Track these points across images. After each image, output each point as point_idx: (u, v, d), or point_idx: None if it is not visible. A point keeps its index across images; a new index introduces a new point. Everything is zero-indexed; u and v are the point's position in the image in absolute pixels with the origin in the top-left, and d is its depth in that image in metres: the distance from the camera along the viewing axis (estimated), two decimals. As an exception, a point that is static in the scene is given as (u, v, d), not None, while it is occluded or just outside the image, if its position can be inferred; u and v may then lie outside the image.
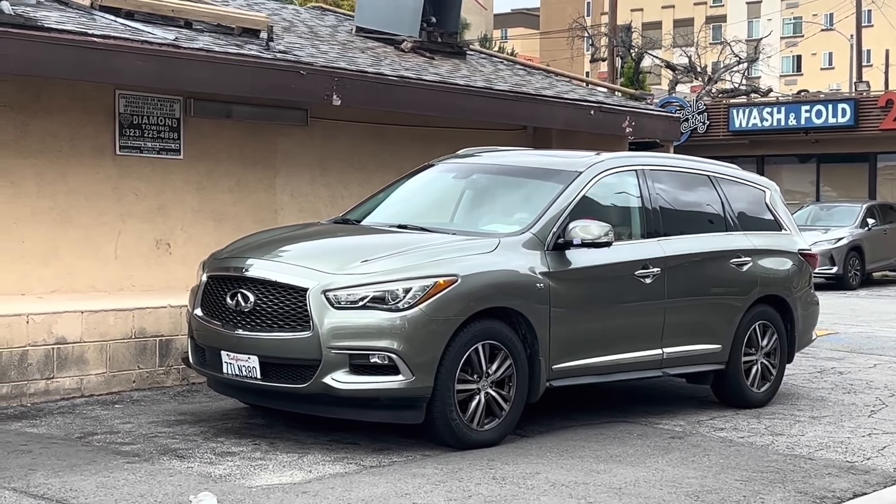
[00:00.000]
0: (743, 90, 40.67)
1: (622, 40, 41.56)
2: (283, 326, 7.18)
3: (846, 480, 6.82)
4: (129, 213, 10.44)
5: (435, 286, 7.11)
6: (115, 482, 6.25)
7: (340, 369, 7.01)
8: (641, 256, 8.41)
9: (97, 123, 10.24)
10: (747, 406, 9.13)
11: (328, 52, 12.01)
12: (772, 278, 9.45)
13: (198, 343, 7.79)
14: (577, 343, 7.90)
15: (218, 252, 8.14)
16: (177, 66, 9.82)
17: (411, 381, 7.01)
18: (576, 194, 8.13)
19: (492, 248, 7.59)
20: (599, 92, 16.09)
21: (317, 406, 7.25)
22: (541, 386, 7.68)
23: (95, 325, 8.94)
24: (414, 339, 7.01)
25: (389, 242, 7.80)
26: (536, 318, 7.57)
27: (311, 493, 6.14)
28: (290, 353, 7.14)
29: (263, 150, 11.55)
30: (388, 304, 7.04)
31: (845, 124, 30.70)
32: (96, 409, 8.42)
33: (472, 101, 12.30)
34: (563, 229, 7.83)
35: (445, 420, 7.19)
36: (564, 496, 6.23)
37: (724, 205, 9.41)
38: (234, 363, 7.37)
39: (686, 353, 8.73)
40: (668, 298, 8.52)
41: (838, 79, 72.07)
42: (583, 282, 7.97)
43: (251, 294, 7.30)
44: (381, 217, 8.64)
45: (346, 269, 7.22)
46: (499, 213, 8.39)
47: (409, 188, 9.12)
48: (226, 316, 7.47)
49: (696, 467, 7.02)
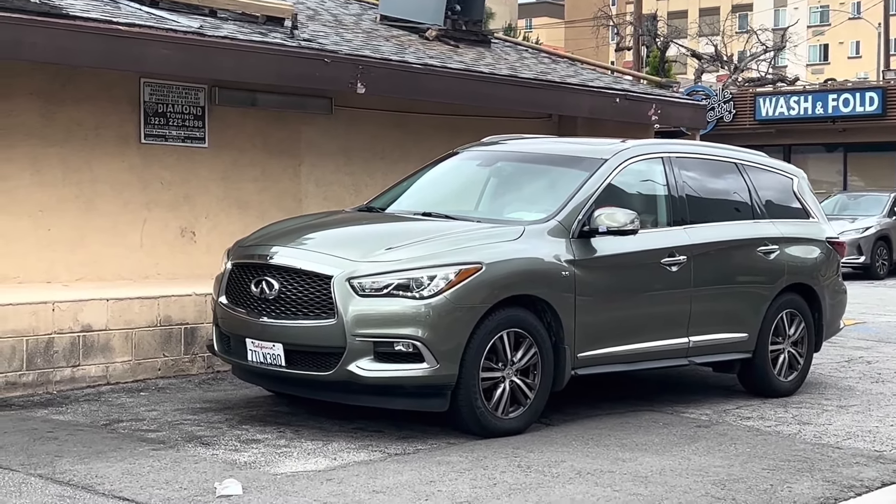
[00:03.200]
0: (769, 79, 40.44)
1: (647, 29, 41.38)
2: (307, 314, 7.17)
3: (874, 469, 6.76)
4: (154, 202, 10.46)
5: (459, 274, 7.09)
6: (141, 469, 6.27)
7: (365, 357, 7.00)
8: (667, 244, 8.35)
9: (122, 112, 10.26)
10: (774, 395, 9.07)
11: (352, 40, 11.99)
12: (799, 266, 9.38)
13: (223, 331, 7.80)
14: (602, 331, 7.85)
15: (242, 240, 8.15)
16: (201, 54, 9.82)
17: (436, 368, 7.00)
18: (601, 182, 8.09)
19: (517, 235, 7.57)
20: (625, 80, 16.00)
21: (341, 394, 7.26)
22: (566, 374, 7.65)
23: (121, 313, 8.96)
24: (438, 327, 6.99)
25: (414, 230, 7.79)
26: (561, 306, 7.53)
27: (335, 480, 6.14)
28: (315, 341, 7.13)
29: (288, 138, 11.54)
30: (412, 291, 7.02)
31: (873, 113, 30.46)
32: (122, 396, 8.45)
33: (496, 90, 12.25)
34: (589, 217, 7.79)
35: (470, 408, 7.17)
36: (590, 484, 6.20)
37: (751, 192, 9.35)
38: (258, 351, 7.37)
39: (712, 341, 8.67)
40: (694, 287, 8.46)
41: (866, 67, 71.50)
42: (608, 270, 7.92)
43: (276, 282, 7.30)
44: (405, 205, 8.62)
45: (371, 257, 7.21)
46: (524, 200, 8.35)
47: (433, 176, 9.11)
48: (250, 303, 7.47)
49: (722, 456, 6.97)
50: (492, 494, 5.94)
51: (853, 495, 6.19)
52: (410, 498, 5.83)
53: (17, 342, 8.35)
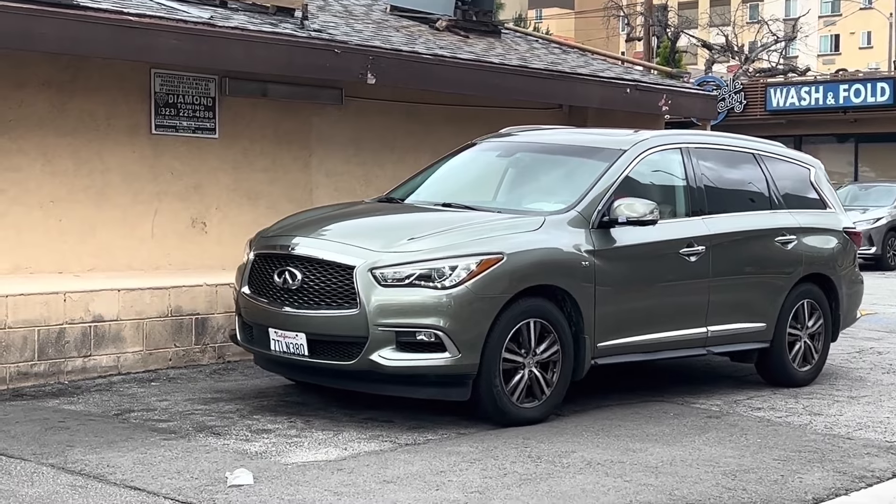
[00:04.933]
0: (780, 69, 40.33)
1: (658, 20, 41.28)
2: (330, 304, 7.23)
3: (885, 460, 6.75)
4: (164, 192, 10.48)
5: (481, 264, 7.13)
6: (152, 459, 6.29)
7: (387, 346, 7.06)
8: (686, 234, 8.38)
9: (133, 102, 10.27)
10: (791, 385, 9.09)
11: (363, 30, 11.98)
12: (816, 256, 9.40)
13: (245, 320, 7.85)
14: (621, 321, 7.88)
15: (264, 230, 8.18)
16: (212, 44, 9.82)
17: (457, 358, 7.04)
18: (620, 172, 8.12)
19: (537, 226, 7.60)
20: (635, 71, 15.96)
21: (363, 383, 7.31)
22: (586, 364, 7.68)
23: (132, 304, 8.98)
24: (460, 317, 7.04)
25: (435, 220, 7.83)
26: (582, 295, 7.56)
27: (346, 470, 6.15)
28: (338, 331, 7.19)
29: (298, 129, 11.55)
30: (434, 281, 7.08)
31: (884, 103, 30.36)
32: (133, 386, 8.47)
33: (507, 80, 12.23)
34: (608, 207, 7.82)
35: (491, 397, 7.21)
36: (600, 474, 6.20)
37: (769, 183, 9.36)
38: (281, 340, 7.42)
39: (730, 331, 8.69)
40: (712, 277, 8.49)
41: (877, 58, 71.23)
42: (627, 260, 7.95)
43: (298, 272, 7.35)
44: (424, 195, 8.65)
45: (393, 248, 7.26)
46: (543, 191, 8.38)
47: (452, 167, 9.13)
48: (273, 294, 7.53)
49: (733, 447, 6.97)
50: (502, 484, 5.95)
51: (864, 486, 6.18)
52: (421, 488, 5.84)
53: (28, 332, 8.37)
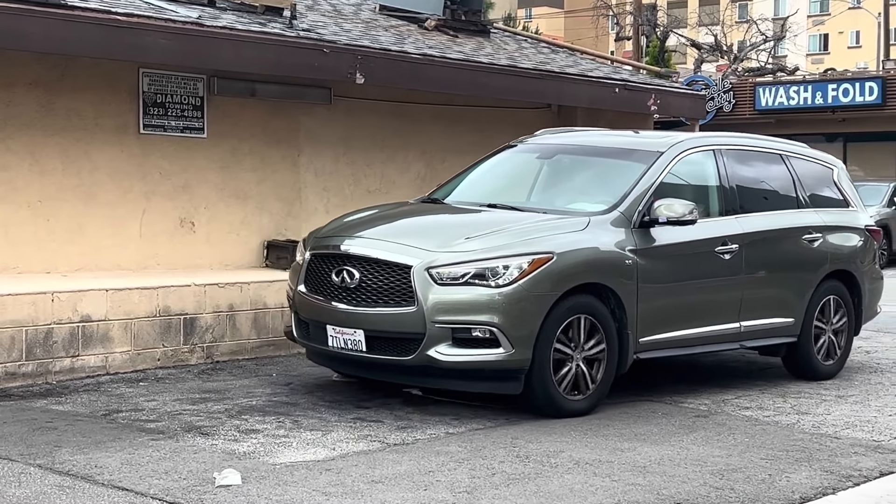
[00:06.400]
0: (769, 69, 40.41)
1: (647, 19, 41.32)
2: (387, 302, 7.53)
3: (872, 459, 6.77)
4: (153, 192, 10.45)
5: (532, 263, 7.44)
6: (140, 459, 6.28)
7: (443, 342, 7.38)
8: (721, 233, 8.70)
9: (121, 102, 10.24)
10: (817, 378, 9.43)
11: (351, 30, 11.97)
12: (841, 254, 9.76)
13: (301, 317, 8.13)
14: (661, 317, 8.21)
15: (317, 231, 8.52)
16: (200, 44, 9.80)
17: (511, 353, 7.35)
18: (659, 173, 8.45)
19: (583, 226, 7.92)
20: (624, 70, 15.98)
21: (420, 378, 7.66)
22: (629, 358, 8.02)
23: (120, 303, 8.97)
24: (513, 314, 7.35)
25: (484, 221, 8.15)
26: (625, 293, 7.88)
27: (334, 470, 6.15)
28: (396, 327, 7.50)
29: (287, 128, 11.53)
30: (488, 280, 7.39)
31: (872, 103, 30.41)
32: (121, 386, 8.45)
33: (495, 80, 12.24)
34: (649, 208, 8.15)
35: (543, 390, 7.53)
36: (588, 474, 6.21)
37: (796, 182, 9.72)
38: (339, 337, 7.71)
39: (762, 326, 9.02)
40: (745, 274, 8.83)
41: (865, 57, 71.39)
42: (667, 258, 8.28)
43: (356, 271, 7.66)
44: (466, 196, 8.94)
45: (448, 248, 7.58)
46: (583, 192, 8.68)
47: (491, 168, 9.44)
48: (331, 292, 7.81)
49: (721, 446, 6.98)
50: (490, 484, 5.95)
51: (851, 485, 6.20)
52: (409, 488, 5.84)
53: (16, 332, 8.36)
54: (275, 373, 9.17)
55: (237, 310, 9.77)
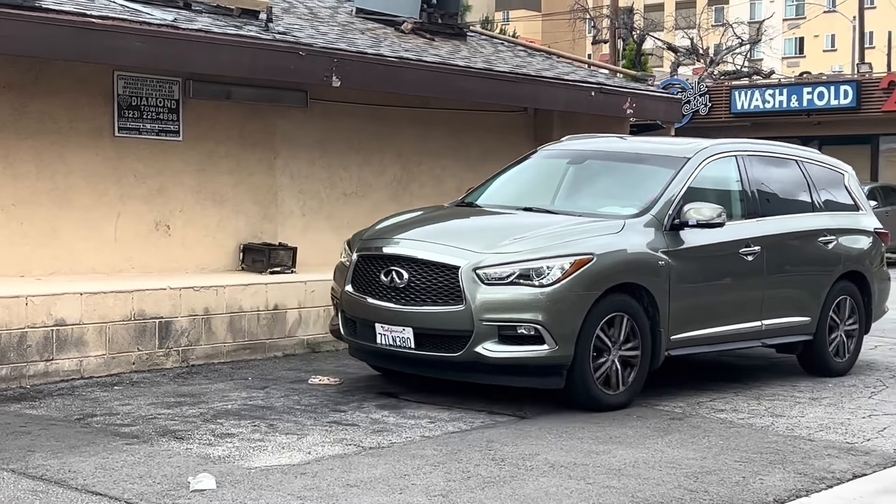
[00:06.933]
0: (745, 72, 40.56)
1: (624, 22, 41.43)
2: (436, 301, 7.87)
3: (846, 461, 6.81)
4: (128, 195, 10.41)
5: (574, 264, 7.81)
6: (114, 463, 6.25)
7: (490, 339, 7.72)
8: (744, 236, 9.09)
9: (96, 105, 10.20)
10: (830, 375, 9.81)
11: (328, 33, 11.96)
12: (853, 255, 10.18)
13: (348, 316, 8.44)
14: (690, 315, 8.58)
15: (361, 233, 8.83)
16: (176, 47, 9.78)
17: (555, 349, 7.72)
18: (687, 178, 8.82)
19: (619, 228, 8.28)
20: (601, 74, 16.04)
21: (468, 373, 7.95)
22: (661, 354, 8.38)
23: (95, 307, 8.93)
24: (557, 312, 7.71)
25: (523, 224, 8.49)
26: (658, 292, 8.26)
27: (309, 474, 6.14)
28: (444, 325, 7.84)
29: (263, 131, 11.51)
30: (532, 280, 7.75)
31: (847, 106, 30.59)
32: (95, 390, 8.42)
33: (471, 83, 12.26)
34: (678, 211, 8.51)
35: (584, 385, 7.90)
36: (563, 477, 6.23)
37: (811, 187, 10.14)
38: (388, 334, 8.04)
39: (781, 324, 9.44)
40: (766, 274, 9.23)
41: (841, 61, 71.80)
42: (695, 259, 8.64)
43: (405, 272, 7.98)
44: (501, 200, 9.27)
45: (493, 249, 7.92)
46: (613, 196, 9.05)
47: (521, 174, 9.79)
48: (379, 291, 8.13)
49: (695, 448, 7.01)
50: (466, 487, 5.96)
51: (824, 487, 6.23)
52: (384, 491, 5.84)
53: (-11, 336, 8.30)
54: (251, 376, 9.15)
55: (213, 313, 9.74)
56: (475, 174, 13.50)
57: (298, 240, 11.50)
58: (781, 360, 10.57)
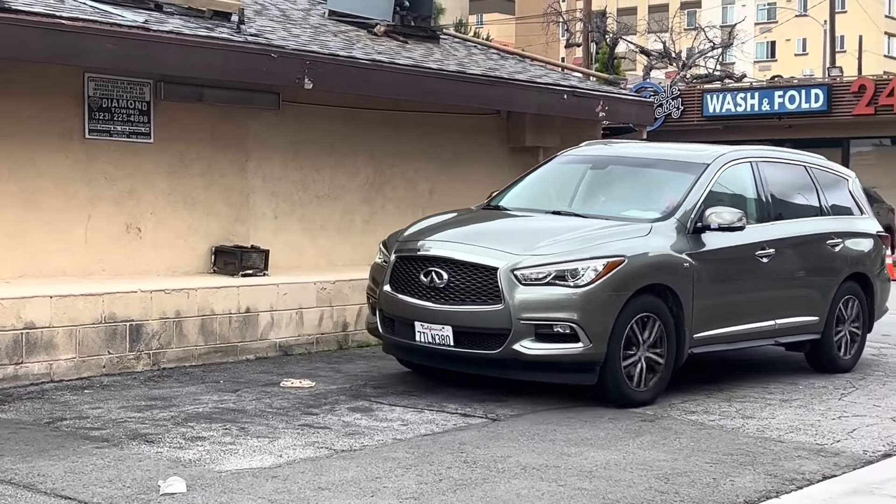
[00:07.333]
0: (717, 76, 40.79)
1: (597, 26, 41.57)
2: (475, 300, 8.20)
3: (816, 463, 6.85)
4: (98, 197, 10.35)
5: (607, 266, 8.15)
6: (84, 467, 6.21)
7: (527, 337, 8.06)
8: (759, 239, 9.45)
9: (66, 107, 10.13)
10: (837, 371, 10.21)
11: (300, 35, 11.93)
12: (857, 257, 10.61)
13: (386, 314, 8.75)
14: (712, 315, 8.92)
15: (398, 234, 9.11)
16: (147, 48, 9.72)
17: (589, 347, 8.07)
18: (707, 184, 9.19)
19: (646, 232, 8.62)
20: (573, 77, 16.07)
21: (505, 370, 8.29)
22: (685, 352, 8.72)
23: (65, 310, 8.87)
24: (591, 312, 8.07)
25: (554, 227, 8.80)
26: (683, 292, 8.60)
27: (280, 477, 6.12)
28: (484, 324, 8.16)
29: (235, 133, 11.47)
30: (567, 281, 8.10)
31: (818, 110, 30.82)
32: (65, 394, 8.36)
33: (444, 86, 12.26)
34: (700, 215, 8.87)
35: (615, 381, 8.23)
36: (535, 479, 6.23)
37: (818, 192, 10.54)
38: (427, 332, 8.35)
39: (793, 323, 9.82)
40: (779, 276, 9.65)
41: (812, 64, 72.27)
42: (716, 261, 8.99)
43: (445, 272, 8.30)
44: (526, 203, 9.65)
45: (530, 251, 8.25)
46: (636, 200, 9.35)
47: (543, 178, 10.14)
48: (419, 291, 8.45)
49: (666, 450, 7.03)
50: (437, 490, 5.96)
51: (794, 488, 6.27)
52: (356, 494, 5.83)
53: (-42, 340, 8.23)
54: (222, 380, 9.11)
55: (184, 316, 9.70)
56: (448, 176, 13.55)
57: (271, 242, 11.46)
58: (751, 361, 10.64)
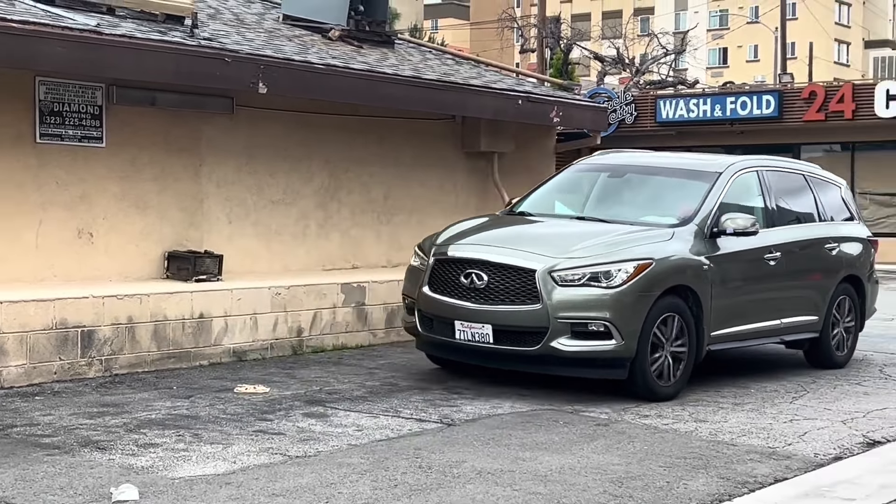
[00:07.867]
0: (670, 82, 41.08)
1: (551, 31, 41.71)
2: (514, 300, 8.73)
3: (768, 466, 6.91)
4: (50, 202, 10.24)
5: (637, 268, 8.71)
6: (35, 475, 6.14)
7: (564, 335, 8.61)
8: (767, 243, 10.05)
9: (16, 111, 10.02)
10: (833, 367, 10.90)
11: (254, 39, 11.88)
12: (852, 261, 11.31)
13: (425, 314, 9.28)
14: (727, 314, 9.50)
15: (433, 238, 9.66)
16: (99, 52, 9.64)
17: (621, 344, 8.61)
18: (721, 191, 9.81)
19: (669, 236, 9.23)
20: (528, 82, 16.12)
21: (542, 366, 8.83)
22: (703, 350, 9.31)
23: (15, 316, 8.77)
24: (623, 311, 8.62)
25: (585, 231, 9.34)
26: (703, 293, 9.18)
27: (234, 484, 6.08)
28: (522, 322, 8.67)
29: (188, 137, 11.39)
30: (601, 282, 8.66)
31: (770, 116, 31.08)
32: (16, 401, 8.26)
33: (399, 90, 12.25)
34: (716, 221, 9.49)
35: (643, 377, 8.78)
36: (489, 483, 6.24)
37: (816, 199, 11.23)
38: (467, 331, 8.87)
39: (796, 322, 10.47)
40: (785, 277, 10.25)
41: (763, 71, 72.97)
42: (730, 264, 9.58)
43: (485, 274, 8.81)
44: (548, 210, 10.29)
45: (564, 254, 8.79)
46: (654, 206, 9.93)
47: (563, 185, 10.71)
48: (458, 292, 8.98)
49: (620, 454, 7.06)
50: (392, 496, 5.95)
51: (746, 491, 6.32)
52: (310, 500, 5.81)
53: None
54: (175, 385, 9.04)
55: (137, 322, 9.62)
56: (403, 181, 13.54)
57: (225, 247, 11.40)
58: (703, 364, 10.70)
